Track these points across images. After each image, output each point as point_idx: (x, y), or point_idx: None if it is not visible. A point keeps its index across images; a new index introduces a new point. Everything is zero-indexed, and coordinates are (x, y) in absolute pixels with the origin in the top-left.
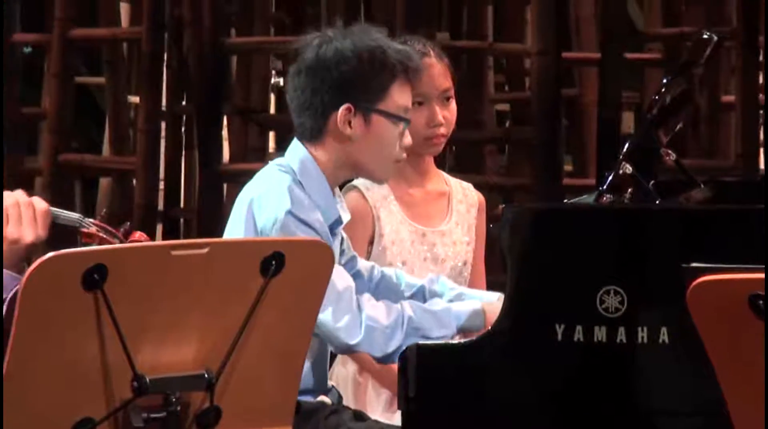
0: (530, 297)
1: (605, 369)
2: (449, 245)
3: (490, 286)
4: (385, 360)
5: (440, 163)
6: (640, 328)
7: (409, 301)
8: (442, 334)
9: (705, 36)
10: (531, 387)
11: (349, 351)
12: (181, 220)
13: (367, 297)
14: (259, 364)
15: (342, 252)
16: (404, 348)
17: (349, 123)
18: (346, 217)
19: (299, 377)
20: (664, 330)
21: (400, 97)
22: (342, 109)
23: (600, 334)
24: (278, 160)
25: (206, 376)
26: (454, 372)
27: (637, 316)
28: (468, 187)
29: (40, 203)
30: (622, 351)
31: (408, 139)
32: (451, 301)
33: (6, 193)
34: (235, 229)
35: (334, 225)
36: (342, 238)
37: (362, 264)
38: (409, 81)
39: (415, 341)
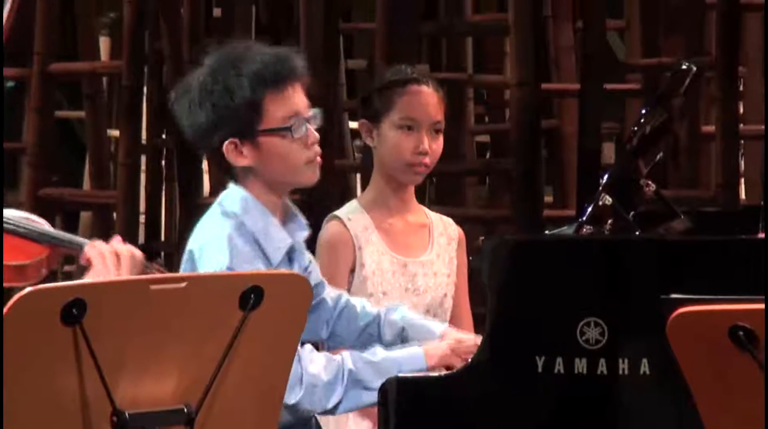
0: (510, 329)
1: (586, 401)
2: (430, 276)
3: (475, 319)
4: (325, 413)
5: (421, 195)
6: (621, 360)
7: (350, 352)
8: (382, 383)
9: (684, 66)
10: (512, 419)
11: (290, 409)
12: (162, 253)
13: (308, 348)
14: (238, 398)
15: (308, 274)
16: (343, 401)
17: (241, 153)
18: (302, 235)
19: (279, 411)
20: (645, 361)
21: (277, 107)
22: (226, 145)
23: (581, 365)
24: (221, 200)
25: (186, 410)
26: (435, 405)
27: (618, 347)
28: (448, 221)
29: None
30: (603, 383)
31: (313, 135)
32: (402, 329)
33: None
34: None
35: (291, 252)
36: (310, 262)
37: (329, 291)
38: (282, 89)
39: (357, 393)
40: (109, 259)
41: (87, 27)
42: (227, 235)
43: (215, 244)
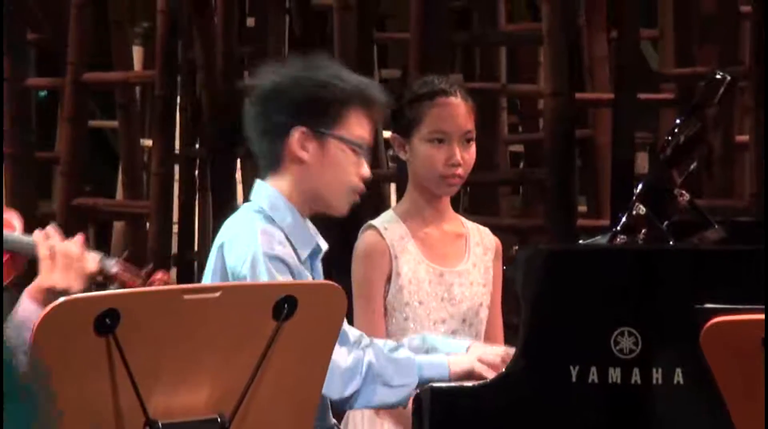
0: (544, 338)
1: (620, 410)
2: (466, 286)
3: (508, 329)
4: (342, 404)
5: (455, 204)
6: (654, 370)
7: (373, 346)
8: (404, 383)
9: (718, 76)
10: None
11: None
12: (195, 263)
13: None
14: (272, 408)
15: None
16: (361, 393)
17: (304, 147)
18: (324, 245)
19: (312, 420)
20: (678, 371)
21: (357, 126)
22: (296, 132)
23: (614, 375)
24: (246, 204)
25: (219, 420)
26: (469, 414)
27: (652, 357)
28: (485, 230)
29: (73, 248)
30: (636, 392)
31: (366, 171)
32: (426, 351)
33: (39, 231)
34: (206, 274)
35: (313, 255)
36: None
37: (348, 327)
38: (367, 112)
39: (375, 388)
40: (59, 261)
41: (120, 36)
42: (259, 227)
43: (246, 235)
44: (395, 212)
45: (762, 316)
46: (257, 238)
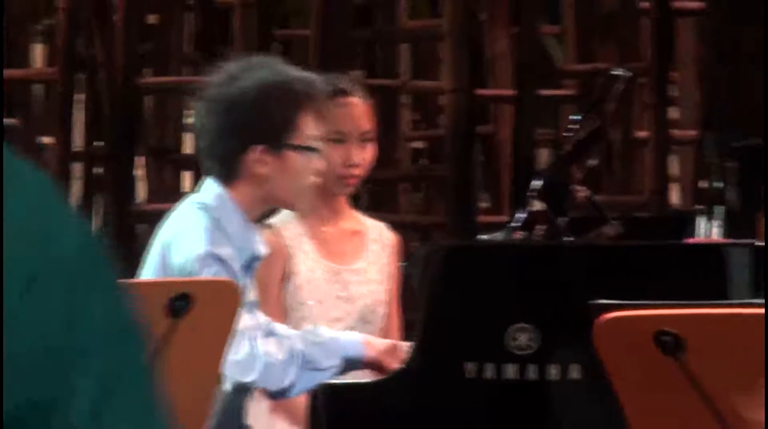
0: (441, 334)
1: (517, 406)
2: (363, 284)
3: (406, 325)
4: (280, 394)
5: (355, 201)
6: (551, 366)
7: (297, 333)
8: (332, 364)
9: (616, 73)
10: (442, 425)
11: (245, 387)
12: None
13: (259, 333)
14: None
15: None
16: (297, 382)
17: (263, 162)
18: (263, 252)
19: (207, 417)
20: (575, 367)
21: (308, 127)
22: (256, 151)
23: (510, 371)
24: (193, 198)
25: None
26: (366, 410)
27: (548, 353)
28: (382, 226)
29: None
30: (533, 388)
31: (320, 164)
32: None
33: None
34: (146, 271)
35: (252, 261)
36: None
37: (260, 315)
38: (317, 110)
39: (309, 374)
40: None
41: (20, 34)
42: (204, 225)
43: (191, 232)
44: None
45: (655, 312)
46: (204, 237)
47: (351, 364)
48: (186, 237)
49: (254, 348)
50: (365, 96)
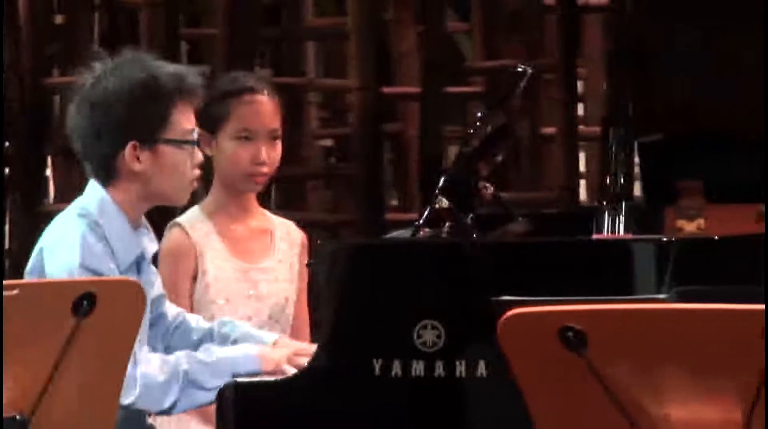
0: (347, 332)
1: (424, 403)
2: (272, 282)
3: (316, 324)
4: (162, 413)
5: (265, 200)
6: (458, 362)
7: (186, 352)
8: (219, 384)
9: (520, 69)
10: (351, 423)
11: (124, 408)
12: (7, 261)
13: (145, 349)
14: (73, 405)
15: (150, 285)
16: (180, 400)
17: (137, 158)
18: (153, 248)
19: (114, 417)
20: (482, 363)
21: (183, 121)
22: (128, 148)
23: (418, 368)
24: (77, 202)
25: (18, 418)
26: (274, 408)
27: (455, 349)
28: (291, 225)
29: None
30: (440, 385)
31: (199, 157)
32: (234, 341)
33: None
34: (27, 273)
35: (140, 261)
36: (154, 275)
37: (169, 306)
38: (188, 102)
39: (192, 393)
40: None
41: None
42: (80, 233)
43: (67, 242)
44: (201, 209)
45: (559, 308)
46: (76, 249)
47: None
48: (60, 247)
49: (133, 369)
50: (273, 93)
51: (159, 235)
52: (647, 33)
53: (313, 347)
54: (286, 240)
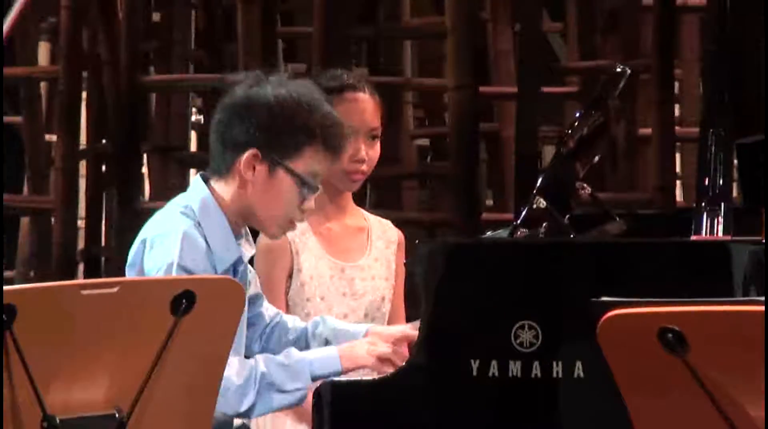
0: (445, 332)
1: (521, 404)
2: (368, 280)
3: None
4: (239, 416)
5: (360, 199)
6: (555, 363)
7: (264, 355)
8: (297, 386)
9: (618, 69)
10: (447, 423)
11: None
12: (102, 258)
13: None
14: (170, 403)
15: (248, 285)
16: (257, 404)
17: (253, 168)
18: (250, 252)
19: (211, 416)
20: (579, 364)
21: (313, 161)
22: (248, 152)
23: (515, 369)
24: (179, 200)
25: (117, 415)
26: (370, 408)
27: (552, 350)
28: (387, 223)
29: None
30: (537, 386)
31: (311, 204)
32: (327, 341)
33: None
34: (127, 268)
35: (237, 263)
36: (252, 274)
37: (267, 306)
38: (327, 149)
39: (270, 396)
40: None
41: (25, 32)
42: (183, 231)
43: (169, 238)
44: None
45: (658, 309)
46: (177, 245)
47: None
48: (161, 243)
49: None
50: (374, 92)
51: (255, 233)
52: (744, 33)
53: (401, 328)
54: (382, 238)
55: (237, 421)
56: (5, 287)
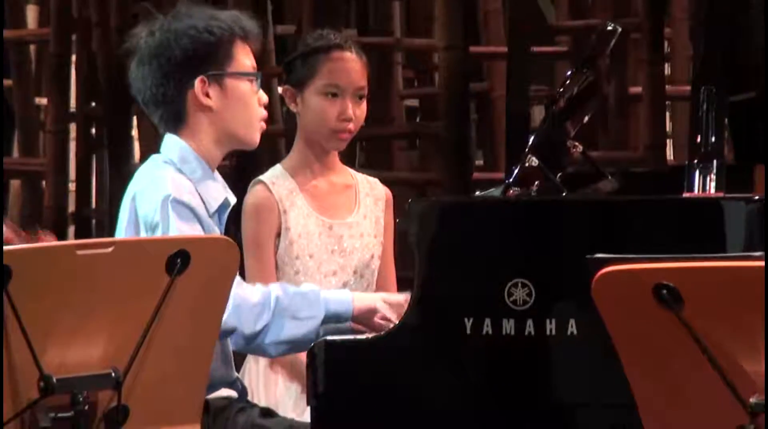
0: (438, 291)
1: (514, 362)
2: (356, 237)
3: (402, 282)
4: (253, 338)
5: (350, 159)
6: (548, 321)
7: (279, 282)
8: (311, 315)
9: (609, 28)
10: (441, 381)
11: (219, 345)
12: (93, 220)
13: (237, 280)
14: (166, 362)
15: None
16: (270, 327)
17: (207, 94)
18: (232, 200)
19: (207, 375)
20: (572, 322)
21: (244, 56)
22: (197, 83)
23: (508, 327)
24: (156, 156)
25: (113, 375)
26: (364, 367)
27: (545, 308)
28: (374, 181)
29: None
30: (530, 344)
31: (264, 97)
32: None
33: None
34: (120, 227)
35: (221, 209)
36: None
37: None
38: (248, 43)
39: (283, 321)
40: None
41: None
42: (169, 176)
43: (157, 183)
44: (283, 166)
45: (653, 265)
46: (167, 185)
47: (338, 320)
48: (151, 187)
49: None
50: (360, 53)
51: (241, 195)
52: None
53: (404, 295)
54: (370, 195)
55: (233, 376)
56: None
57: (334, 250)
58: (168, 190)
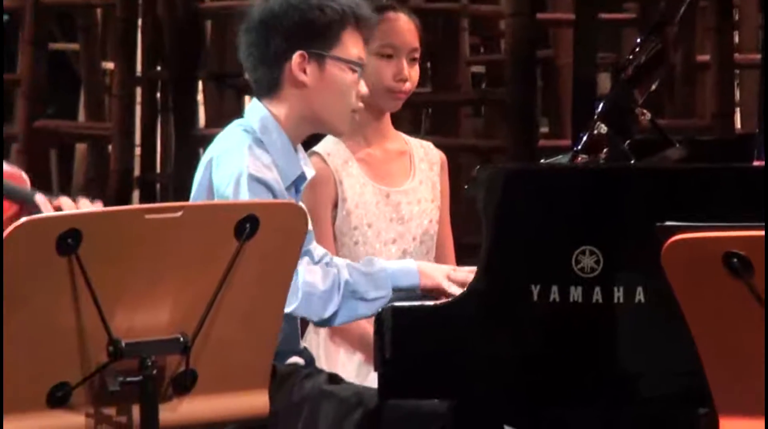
0: (506, 257)
1: (581, 329)
2: (414, 204)
3: (468, 249)
4: (322, 324)
5: (416, 126)
6: (616, 288)
7: (347, 262)
8: (379, 295)
9: None
10: (507, 348)
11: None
12: (158, 185)
13: (306, 260)
14: (234, 327)
15: None
16: (340, 311)
17: (304, 70)
18: (310, 173)
19: (275, 341)
20: (639, 290)
21: (352, 44)
22: (296, 56)
23: (576, 294)
24: (239, 121)
25: (181, 339)
26: (430, 333)
27: (613, 276)
28: (428, 145)
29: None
30: (598, 311)
31: (363, 89)
32: None
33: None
34: (195, 191)
35: (298, 181)
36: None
37: (315, 244)
38: (360, 30)
39: (353, 304)
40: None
41: None
42: (247, 144)
43: (235, 152)
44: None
45: (723, 234)
46: (245, 158)
47: (406, 292)
48: (228, 157)
49: (295, 278)
50: (410, 15)
51: None
52: None
53: (464, 269)
54: (425, 160)
55: (301, 346)
56: (70, 211)
57: (393, 218)
58: (244, 164)
